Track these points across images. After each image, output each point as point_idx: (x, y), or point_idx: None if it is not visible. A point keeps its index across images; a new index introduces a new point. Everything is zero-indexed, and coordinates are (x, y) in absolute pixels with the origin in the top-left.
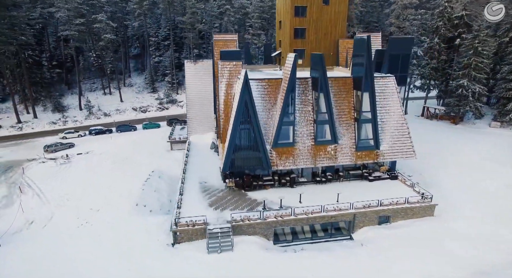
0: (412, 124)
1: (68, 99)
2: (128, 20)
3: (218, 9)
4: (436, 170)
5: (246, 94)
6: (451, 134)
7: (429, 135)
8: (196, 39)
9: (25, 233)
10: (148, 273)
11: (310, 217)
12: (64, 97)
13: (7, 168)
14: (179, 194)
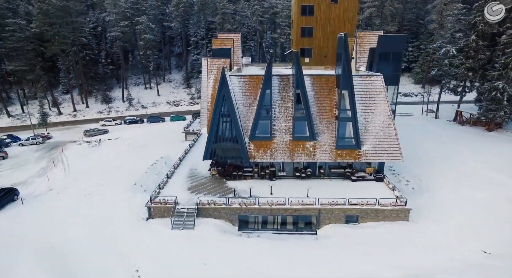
0: (439, 129)
1: (115, 92)
2: (167, 22)
3: (248, 9)
4: (438, 178)
5: (224, 89)
6: (477, 142)
7: (451, 141)
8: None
9: (43, 196)
10: (116, 238)
11: (274, 208)
12: (113, 90)
13: (53, 146)
14: (166, 176)
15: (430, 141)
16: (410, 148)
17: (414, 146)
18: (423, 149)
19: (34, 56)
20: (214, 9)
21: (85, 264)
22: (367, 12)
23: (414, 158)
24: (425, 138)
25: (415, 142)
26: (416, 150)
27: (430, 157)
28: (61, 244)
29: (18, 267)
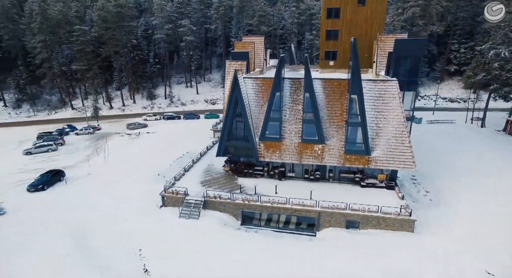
0: (483, 139)
1: (159, 89)
2: (209, 24)
3: (285, 11)
4: (461, 192)
5: (236, 91)
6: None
7: (492, 154)
8: None
9: (83, 179)
10: (130, 220)
11: (275, 207)
12: (158, 87)
13: (101, 137)
14: (183, 169)
15: (468, 152)
16: (440, 158)
17: (445, 156)
18: (455, 160)
19: (93, 57)
20: (252, 12)
21: (99, 239)
22: (409, 12)
23: (442, 169)
24: (463, 148)
25: (448, 152)
26: (446, 160)
27: (461, 170)
28: (86, 219)
29: (50, 233)
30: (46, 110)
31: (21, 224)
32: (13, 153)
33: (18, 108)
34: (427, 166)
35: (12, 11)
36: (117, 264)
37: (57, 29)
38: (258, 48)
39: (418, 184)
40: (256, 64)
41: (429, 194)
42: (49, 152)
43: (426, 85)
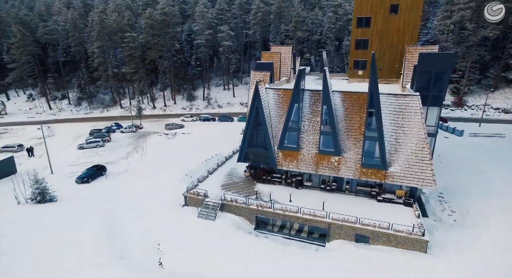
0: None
1: (199, 91)
2: (247, 29)
3: (322, 16)
4: (493, 216)
5: (256, 101)
6: None
7: None
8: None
9: (120, 175)
10: (154, 215)
11: (286, 215)
12: (197, 89)
13: (141, 135)
14: (207, 172)
15: (509, 172)
16: (475, 176)
17: (482, 174)
18: (493, 179)
19: (140, 61)
20: (290, 17)
21: (125, 230)
22: (457, 15)
23: (474, 188)
24: (505, 167)
25: (486, 170)
26: (482, 179)
27: (497, 191)
28: (118, 211)
29: (86, 220)
30: (100, 108)
31: (66, 210)
32: (70, 147)
33: (79, 106)
34: (459, 184)
35: (79, 21)
36: (136, 255)
37: (112, 36)
38: (286, 58)
39: (445, 202)
40: (284, 73)
41: (454, 214)
42: (97, 148)
43: (475, 93)
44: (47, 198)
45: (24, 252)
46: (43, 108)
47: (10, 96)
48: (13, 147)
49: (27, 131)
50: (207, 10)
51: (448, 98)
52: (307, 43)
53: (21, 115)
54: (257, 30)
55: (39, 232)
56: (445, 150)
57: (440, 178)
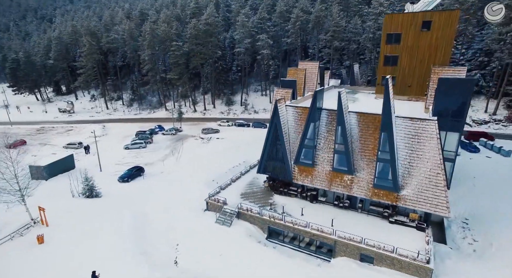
0: None
1: (238, 96)
2: (286, 37)
3: (362, 25)
4: None
5: (275, 118)
6: None
7: None
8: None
9: (156, 176)
10: (177, 217)
11: (295, 228)
12: (236, 94)
13: (180, 138)
14: (230, 180)
15: None
16: (510, 204)
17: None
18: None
19: (184, 68)
20: (328, 26)
21: (151, 228)
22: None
23: (507, 217)
24: None
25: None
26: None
27: None
28: (149, 210)
29: (121, 216)
30: (148, 109)
31: (107, 205)
32: (118, 146)
33: (130, 106)
34: (489, 211)
35: (135, 31)
36: (155, 252)
37: (161, 45)
38: (312, 73)
39: (468, 229)
40: (309, 88)
41: (476, 243)
42: (140, 149)
43: None
44: (94, 194)
45: (70, 239)
46: (101, 108)
47: (78, 96)
48: (75, 145)
49: (88, 129)
50: (248, 20)
51: (501, 112)
52: (344, 52)
53: (84, 113)
54: (296, 39)
55: (85, 222)
56: (484, 172)
57: (468, 202)
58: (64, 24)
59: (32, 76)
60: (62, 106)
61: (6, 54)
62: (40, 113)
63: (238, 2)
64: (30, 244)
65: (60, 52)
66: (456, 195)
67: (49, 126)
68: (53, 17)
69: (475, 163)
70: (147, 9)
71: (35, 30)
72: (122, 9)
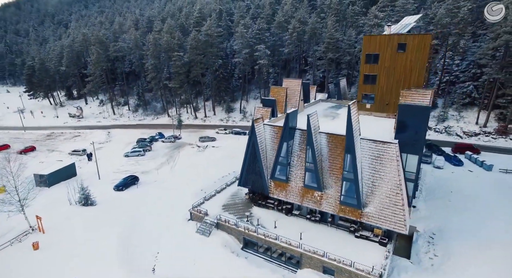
0: None
1: (238, 103)
2: (283, 47)
3: (356, 36)
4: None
5: (252, 137)
6: None
7: None
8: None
9: (149, 185)
10: (163, 226)
11: (266, 240)
12: (237, 101)
13: (178, 146)
14: (215, 191)
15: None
16: (480, 221)
17: (488, 220)
18: (498, 227)
19: (184, 77)
20: (323, 38)
21: (138, 235)
22: (502, 39)
23: (472, 234)
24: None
25: (496, 216)
26: (485, 225)
27: (494, 239)
28: (138, 218)
29: (112, 224)
30: (152, 115)
31: (101, 213)
32: (119, 154)
33: (136, 112)
34: (457, 226)
35: (140, 40)
36: (136, 260)
37: (163, 55)
38: (295, 90)
39: (433, 244)
40: (292, 105)
41: (436, 258)
42: (138, 157)
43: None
44: (89, 202)
45: (62, 245)
46: (108, 113)
47: (88, 100)
48: (79, 152)
49: (94, 135)
50: (247, 30)
51: (492, 124)
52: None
53: (92, 118)
54: (294, 49)
55: (78, 229)
56: (462, 186)
57: (440, 217)
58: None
59: (46, 81)
60: (72, 111)
61: (25, 59)
62: (51, 118)
63: (239, 12)
64: (27, 250)
65: (72, 59)
66: (430, 209)
67: (58, 131)
68: (68, 22)
69: (456, 177)
70: (154, 16)
71: (52, 35)
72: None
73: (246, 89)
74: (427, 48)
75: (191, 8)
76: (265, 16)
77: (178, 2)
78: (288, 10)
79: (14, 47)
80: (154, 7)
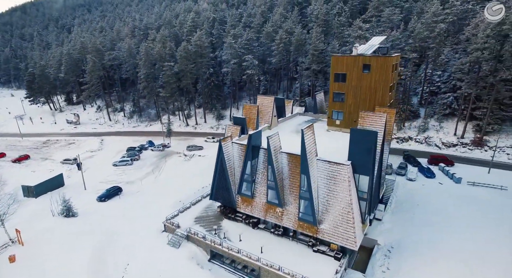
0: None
1: (229, 110)
2: (271, 57)
3: (338, 49)
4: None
5: (220, 155)
6: None
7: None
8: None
9: (132, 196)
10: (138, 237)
11: (230, 253)
12: (228, 108)
13: (165, 155)
14: (190, 203)
15: (477, 234)
16: (442, 236)
17: (453, 234)
18: (459, 242)
19: (175, 87)
20: (308, 49)
21: (113, 246)
22: (473, 55)
23: (428, 248)
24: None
25: (454, 230)
26: (442, 239)
27: (447, 253)
28: (117, 229)
29: (92, 234)
30: (146, 122)
31: (79, 225)
32: (109, 163)
33: (131, 118)
34: (415, 240)
35: (134, 50)
36: (106, 271)
37: (155, 65)
38: (268, 107)
39: (389, 258)
40: (265, 120)
41: (388, 272)
42: (126, 166)
43: (504, 133)
44: (71, 214)
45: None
46: (104, 119)
47: (86, 106)
48: (70, 161)
49: (87, 142)
50: (235, 41)
51: (469, 135)
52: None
53: (89, 125)
54: (281, 59)
55: (56, 241)
56: (430, 199)
57: (401, 231)
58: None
59: (46, 88)
60: (69, 118)
61: (28, 64)
62: (49, 124)
63: (231, 21)
64: (3, 263)
65: (70, 66)
66: (394, 223)
67: (54, 139)
68: (72, 26)
69: (425, 190)
70: (151, 23)
71: (54, 40)
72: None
73: (237, 96)
74: (389, 70)
75: (186, 16)
76: (255, 25)
77: (176, 8)
78: (277, 20)
79: (18, 52)
80: (153, 12)
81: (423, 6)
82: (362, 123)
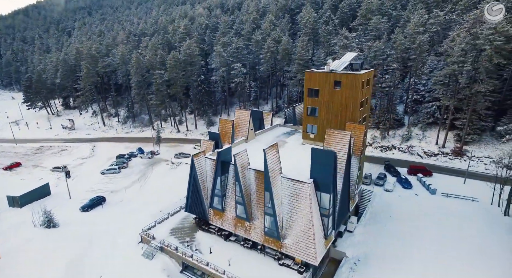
0: (489, 235)
1: (220, 117)
2: (259, 65)
3: (323, 58)
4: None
5: (192, 169)
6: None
7: (474, 252)
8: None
9: (114, 205)
10: (114, 248)
11: (199, 266)
12: (219, 115)
13: (154, 162)
14: (168, 214)
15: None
16: (410, 249)
17: (420, 247)
18: (427, 256)
19: (165, 94)
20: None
21: (88, 259)
22: (448, 68)
23: (395, 262)
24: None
25: (429, 242)
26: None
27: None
28: (91, 241)
29: (74, 242)
30: (139, 127)
31: (60, 236)
32: (96, 171)
33: (125, 124)
34: (384, 253)
35: (127, 56)
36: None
37: (149, 71)
38: (245, 120)
39: (354, 270)
40: (241, 134)
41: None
42: (114, 174)
43: (484, 143)
44: (52, 225)
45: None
46: (99, 124)
47: (82, 111)
48: (60, 168)
49: (79, 149)
50: (224, 49)
51: (450, 144)
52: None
53: (83, 130)
54: (269, 67)
55: (34, 252)
56: (403, 211)
57: (370, 243)
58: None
59: (43, 93)
60: (64, 123)
61: (28, 68)
62: (45, 130)
63: (223, 28)
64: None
65: (66, 72)
66: (365, 235)
67: (47, 145)
68: (72, 30)
69: (400, 201)
70: (146, 29)
71: (54, 44)
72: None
73: (228, 103)
74: (359, 87)
75: (180, 22)
76: (246, 33)
77: (173, 13)
78: (267, 28)
79: (20, 55)
80: (151, 16)
81: (409, 15)
82: (328, 141)
